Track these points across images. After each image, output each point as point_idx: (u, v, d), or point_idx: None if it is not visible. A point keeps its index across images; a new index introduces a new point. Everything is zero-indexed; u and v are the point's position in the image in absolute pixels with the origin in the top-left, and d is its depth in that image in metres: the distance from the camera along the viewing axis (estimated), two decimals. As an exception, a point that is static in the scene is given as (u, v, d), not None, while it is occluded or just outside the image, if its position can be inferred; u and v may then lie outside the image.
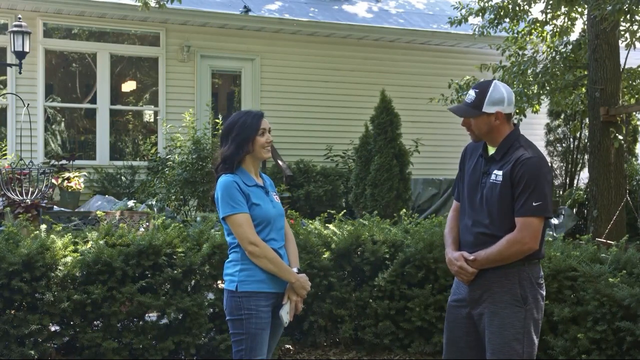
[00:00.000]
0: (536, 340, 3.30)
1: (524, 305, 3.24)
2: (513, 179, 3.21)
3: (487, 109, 3.29)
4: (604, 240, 7.12)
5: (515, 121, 9.47)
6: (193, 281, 5.15)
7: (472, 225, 3.34)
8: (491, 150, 3.37)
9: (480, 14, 9.77)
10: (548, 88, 9.29)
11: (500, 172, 3.26)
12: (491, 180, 3.28)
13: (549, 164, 11.32)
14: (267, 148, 3.46)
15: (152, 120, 12.70)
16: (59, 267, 4.83)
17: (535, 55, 9.82)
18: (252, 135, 3.41)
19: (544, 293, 3.36)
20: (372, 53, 12.77)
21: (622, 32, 8.59)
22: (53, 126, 12.20)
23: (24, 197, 7.79)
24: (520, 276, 3.26)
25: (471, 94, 3.34)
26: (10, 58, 9.99)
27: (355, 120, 11.32)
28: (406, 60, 12.97)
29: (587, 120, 10.11)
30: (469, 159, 3.48)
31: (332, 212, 6.56)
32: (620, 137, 8.43)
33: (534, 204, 3.17)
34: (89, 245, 5.03)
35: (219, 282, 5.24)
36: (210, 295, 5.28)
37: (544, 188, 3.20)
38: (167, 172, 9.78)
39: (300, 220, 6.09)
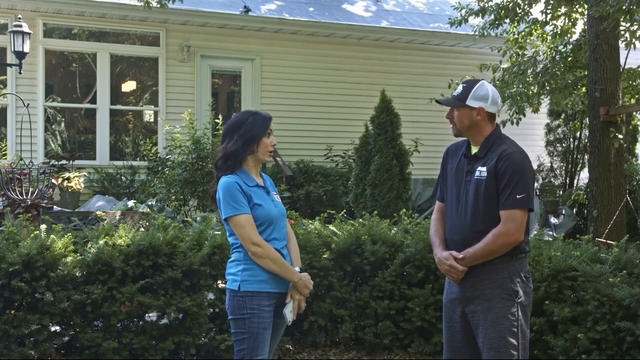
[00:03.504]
0: (528, 334, 3.38)
1: (516, 298, 3.32)
2: (497, 173, 3.31)
3: (470, 102, 3.40)
4: (604, 240, 7.12)
5: (515, 121, 9.49)
6: (193, 281, 5.15)
7: (459, 224, 3.41)
8: (474, 150, 3.46)
9: (481, 14, 9.77)
10: (548, 88, 9.29)
11: (484, 168, 3.35)
12: (475, 177, 3.37)
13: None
14: (270, 151, 3.46)
15: (152, 120, 12.70)
16: (59, 267, 4.83)
17: (535, 55, 9.82)
18: (260, 135, 3.40)
19: (532, 287, 3.45)
20: (372, 53, 12.77)
21: (622, 32, 8.59)
22: (53, 126, 12.19)
23: (24, 197, 7.79)
24: (509, 271, 3.34)
25: (459, 88, 3.47)
26: (10, 58, 9.99)
27: (355, 120, 11.33)
28: (406, 60, 12.98)
29: (587, 120, 10.11)
30: (451, 160, 3.57)
31: (332, 212, 6.56)
32: (620, 137, 8.42)
33: (517, 196, 3.27)
34: (88, 245, 5.03)
35: (219, 282, 5.25)
36: (210, 295, 5.28)
37: (527, 181, 3.31)
38: (167, 172, 9.78)
39: (300, 220, 6.08)
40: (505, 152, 3.33)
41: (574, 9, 9.51)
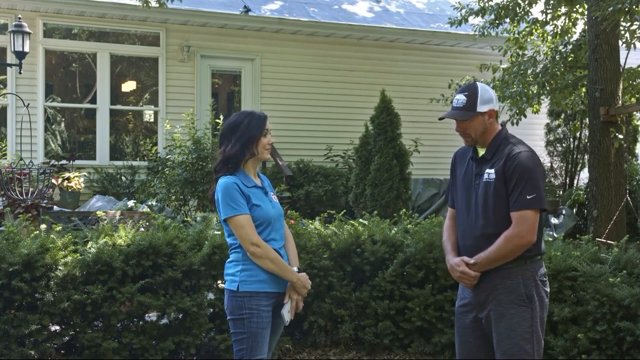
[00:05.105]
0: (543, 338, 3.29)
1: (530, 304, 3.23)
2: (506, 174, 3.24)
3: (480, 108, 3.32)
4: (604, 240, 7.12)
5: (515, 121, 9.49)
6: (193, 281, 5.15)
7: (470, 228, 3.34)
8: (481, 152, 3.39)
9: (481, 14, 9.77)
10: (548, 88, 9.29)
11: (492, 170, 3.28)
12: (484, 180, 3.30)
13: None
14: (268, 149, 3.48)
15: (152, 120, 12.70)
16: (59, 267, 4.83)
17: (535, 55, 9.82)
18: (257, 136, 3.41)
19: (548, 290, 3.35)
20: (372, 53, 12.77)
21: (622, 32, 8.58)
22: (53, 126, 12.19)
23: (24, 197, 7.79)
24: (523, 275, 3.25)
25: (460, 98, 3.36)
26: (10, 58, 9.99)
27: (355, 120, 11.33)
28: (406, 60, 12.97)
29: (587, 120, 10.10)
30: (460, 164, 3.50)
31: (332, 212, 6.55)
32: (620, 137, 8.42)
33: (527, 196, 3.18)
34: (88, 245, 5.03)
35: (219, 282, 5.25)
36: (210, 295, 5.28)
37: (537, 180, 3.23)
38: (167, 172, 9.78)
39: (300, 220, 6.08)
40: (512, 152, 3.27)
41: (574, 9, 9.51)
